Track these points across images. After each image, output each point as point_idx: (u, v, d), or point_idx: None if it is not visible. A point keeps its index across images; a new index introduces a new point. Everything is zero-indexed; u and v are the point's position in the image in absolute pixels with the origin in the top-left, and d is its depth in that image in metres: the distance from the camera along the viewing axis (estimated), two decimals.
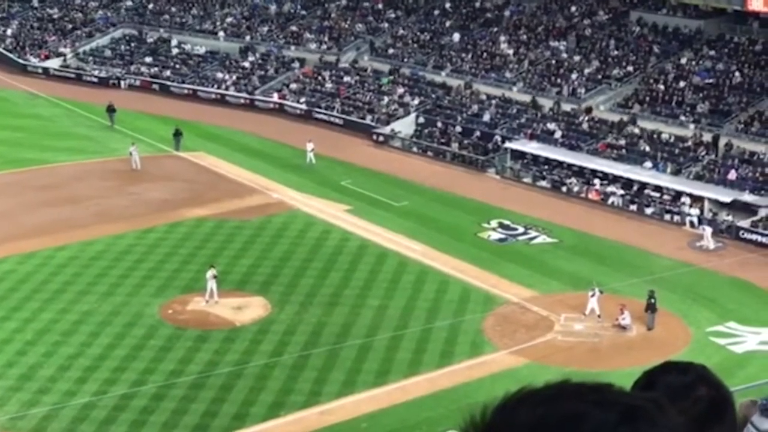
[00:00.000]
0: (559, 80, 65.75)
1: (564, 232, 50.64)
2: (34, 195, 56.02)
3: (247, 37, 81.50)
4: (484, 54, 70.98)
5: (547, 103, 64.16)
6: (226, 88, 76.09)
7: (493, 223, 51.96)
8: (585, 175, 56.88)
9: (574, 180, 56.81)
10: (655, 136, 58.55)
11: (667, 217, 52.83)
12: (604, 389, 1.97)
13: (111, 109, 69.05)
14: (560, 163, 58.27)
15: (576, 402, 1.91)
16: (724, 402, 2.66)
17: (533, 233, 50.71)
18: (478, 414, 1.96)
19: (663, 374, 2.69)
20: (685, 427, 2.06)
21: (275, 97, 73.55)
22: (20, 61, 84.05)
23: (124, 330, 40.74)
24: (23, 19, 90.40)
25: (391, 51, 75.01)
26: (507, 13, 74.47)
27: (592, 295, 41.17)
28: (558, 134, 60.98)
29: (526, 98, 65.18)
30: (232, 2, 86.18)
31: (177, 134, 64.19)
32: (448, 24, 75.45)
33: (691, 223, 51.34)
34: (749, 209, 51.28)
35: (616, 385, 2.00)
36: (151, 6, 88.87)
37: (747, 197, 51.94)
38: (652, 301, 40.53)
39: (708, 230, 49.29)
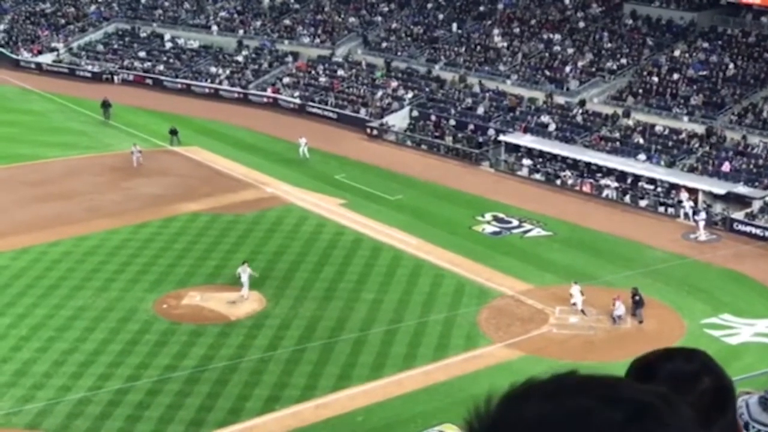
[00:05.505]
0: (556, 74, 65.63)
1: (558, 225, 50.64)
2: (28, 190, 55.90)
3: (241, 31, 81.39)
4: (478, 47, 70.91)
5: (540, 96, 64.17)
6: (220, 83, 75.99)
7: (488, 216, 51.94)
8: (579, 167, 56.89)
9: (568, 173, 56.79)
10: (648, 128, 58.55)
11: (661, 209, 52.88)
12: (613, 384, 1.93)
13: (106, 105, 68.87)
14: (554, 156, 58.26)
15: (583, 397, 1.88)
16: (728, 391, 2.56)
17: (527, 226, 50.70)
18: (482, 406, 1.90)
19: (666, 361, 2.55)
20: (694, 421, 2.00)
21: (269, 92, 73.46)
22: (13, 56, 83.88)
23: (118, 325, 40.70)
24: (15, 14, 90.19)
25: (384, 44, 74.93)
26: (500, 5, 74.41)
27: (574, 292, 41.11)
28: (552, 127, 60.96)
29: (520, 91, 65.12)
30: None
31: (173, 132, 63.80)
32: (441, 17, 75.39)
33: (686, 215, 51.38)
34: (743, 201, 51.33)
35: (626, 380, 1.96)
36: (143, 0, 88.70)
37: (741, 189, 51.97)
38: (637, 298, 40.62)
39: (701, 221, 49.28)
